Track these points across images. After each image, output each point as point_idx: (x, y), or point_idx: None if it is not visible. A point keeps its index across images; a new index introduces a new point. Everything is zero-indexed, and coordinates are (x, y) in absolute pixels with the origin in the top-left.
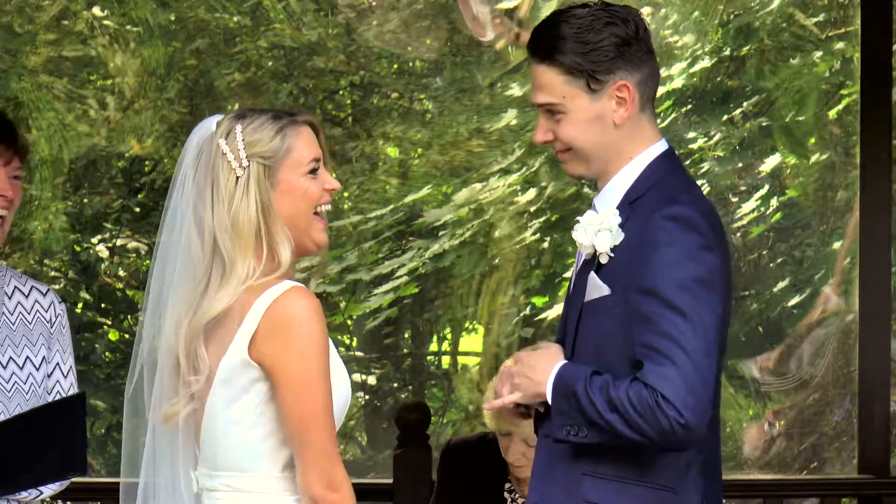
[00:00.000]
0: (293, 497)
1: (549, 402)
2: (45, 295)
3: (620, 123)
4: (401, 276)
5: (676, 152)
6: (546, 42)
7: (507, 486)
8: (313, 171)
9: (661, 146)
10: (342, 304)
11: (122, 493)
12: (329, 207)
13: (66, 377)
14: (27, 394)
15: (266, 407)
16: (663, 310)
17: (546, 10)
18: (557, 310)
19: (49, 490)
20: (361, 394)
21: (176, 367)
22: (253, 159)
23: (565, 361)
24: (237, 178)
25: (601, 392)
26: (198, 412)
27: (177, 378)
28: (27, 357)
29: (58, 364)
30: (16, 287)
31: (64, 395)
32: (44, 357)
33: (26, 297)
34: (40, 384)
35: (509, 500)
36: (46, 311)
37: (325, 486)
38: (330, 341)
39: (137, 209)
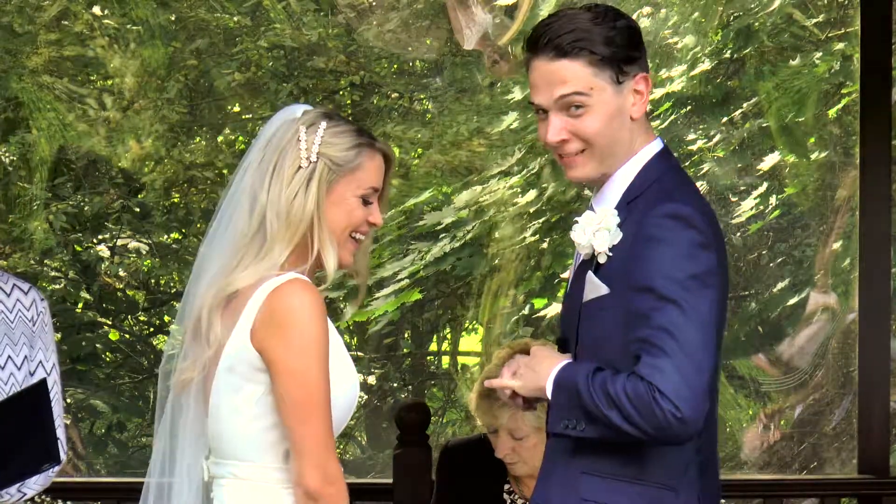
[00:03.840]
0: (291, 490)
1: (549, 395)
2: (26, 293)
3: (637, 118)
4: (402, 280)
5: (675, 152)
6: (569, 35)
7: (506, 486)
8: (367, 198)
9: (657, 145)
10: (345, 309)
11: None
12: (364, 238)
13: (49, 374)
14: (8, 394)
15: (268, 398)
16: (659, 304)
17: (546, 10)
18: (557, 308)
19: (31, 490)
20: (362, 394)
21: (197, 331)
22: (322, 158)
23: (570, 361)
24: (299, 167)
25: (601, 387)
26: (207, 387)
27: (195, 342)
28: (9, 356)
29: (40, 362)
30: None
31: (43, 392)
32: (26, 356)
33: (8, 295)
34: (21, 384)
35: (508, 501)
36: (28, 310)
37: (320, 479)
38: (339, 338)
39: (137, 209)
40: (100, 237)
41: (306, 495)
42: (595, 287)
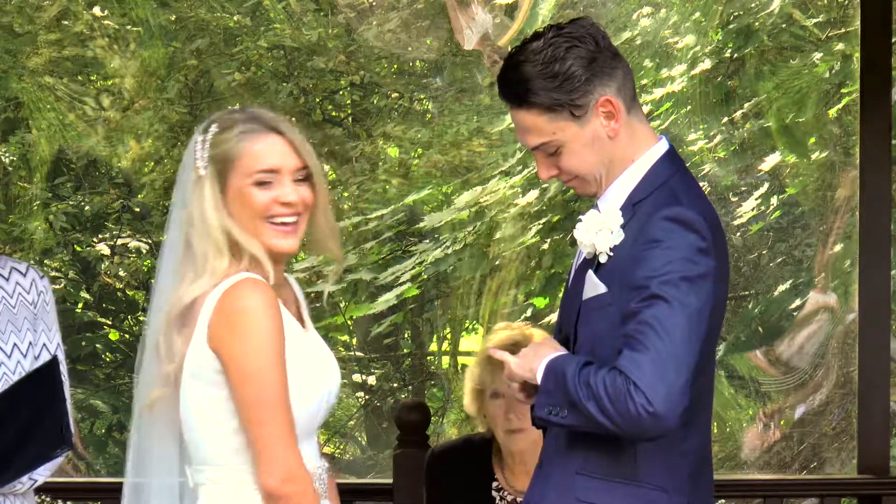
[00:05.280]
0: None
1: (538, 379)
2: (25, 275)
3: (615, 136)
4: (404, 283)
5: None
6: (515, 88)
7: (494, 484)
8: (262, 181)
9: (662, 147)
10: (343, 305)
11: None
12: (292, 219)
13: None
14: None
15: (232, 402)
16: (647, 301)
17: (546, 10)
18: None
19: (41, 477)
20: (361, 394)
21: (157, 353)
22: (211, 162)
23: (567, 353)
24: (198, 177)
25: (584, 378)
26: (176, 401)
27: (157, 364)
28: (14, 344)
29: (44, 344)
30: None
31: (55, 370)
32: (30, 342)
33: (7, 279)
34: (28, 371)
35: (497, 498)
36: (28, 293)
37: (280, 477)
38: (301, 332)
39: (137, 209)
40: (100, 237)
41: (266, 495)
42: (594, 285)
